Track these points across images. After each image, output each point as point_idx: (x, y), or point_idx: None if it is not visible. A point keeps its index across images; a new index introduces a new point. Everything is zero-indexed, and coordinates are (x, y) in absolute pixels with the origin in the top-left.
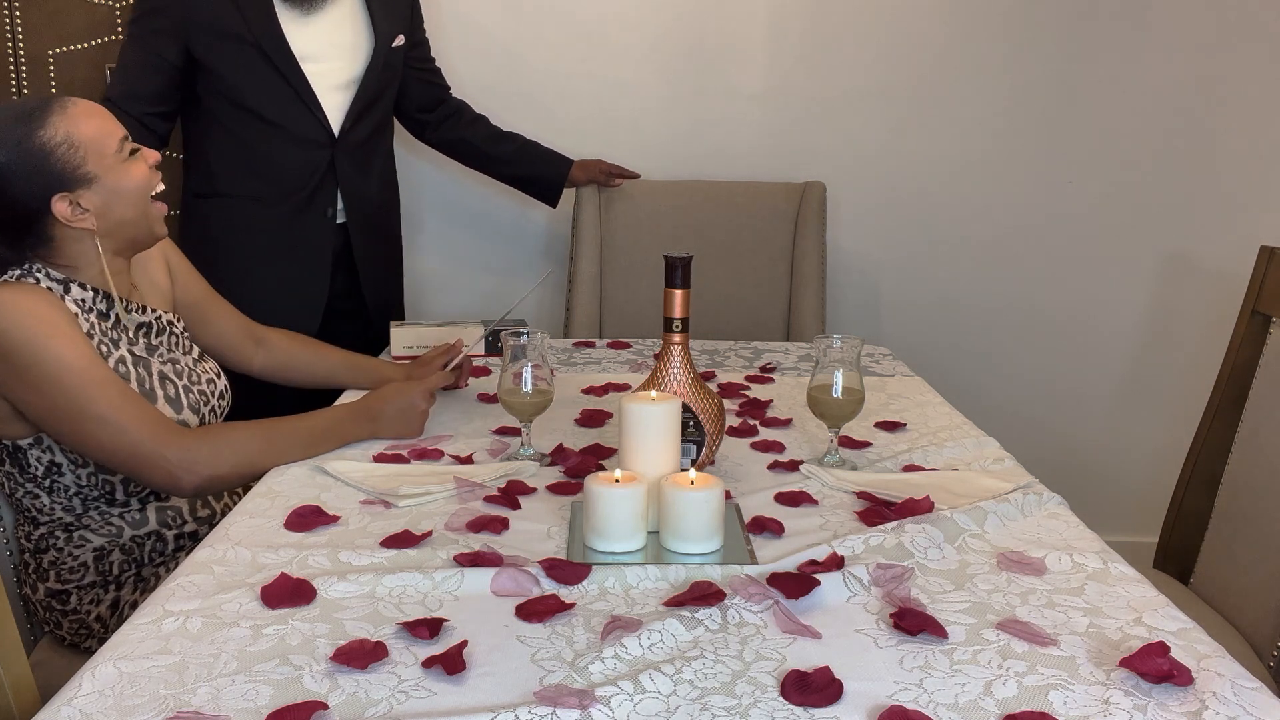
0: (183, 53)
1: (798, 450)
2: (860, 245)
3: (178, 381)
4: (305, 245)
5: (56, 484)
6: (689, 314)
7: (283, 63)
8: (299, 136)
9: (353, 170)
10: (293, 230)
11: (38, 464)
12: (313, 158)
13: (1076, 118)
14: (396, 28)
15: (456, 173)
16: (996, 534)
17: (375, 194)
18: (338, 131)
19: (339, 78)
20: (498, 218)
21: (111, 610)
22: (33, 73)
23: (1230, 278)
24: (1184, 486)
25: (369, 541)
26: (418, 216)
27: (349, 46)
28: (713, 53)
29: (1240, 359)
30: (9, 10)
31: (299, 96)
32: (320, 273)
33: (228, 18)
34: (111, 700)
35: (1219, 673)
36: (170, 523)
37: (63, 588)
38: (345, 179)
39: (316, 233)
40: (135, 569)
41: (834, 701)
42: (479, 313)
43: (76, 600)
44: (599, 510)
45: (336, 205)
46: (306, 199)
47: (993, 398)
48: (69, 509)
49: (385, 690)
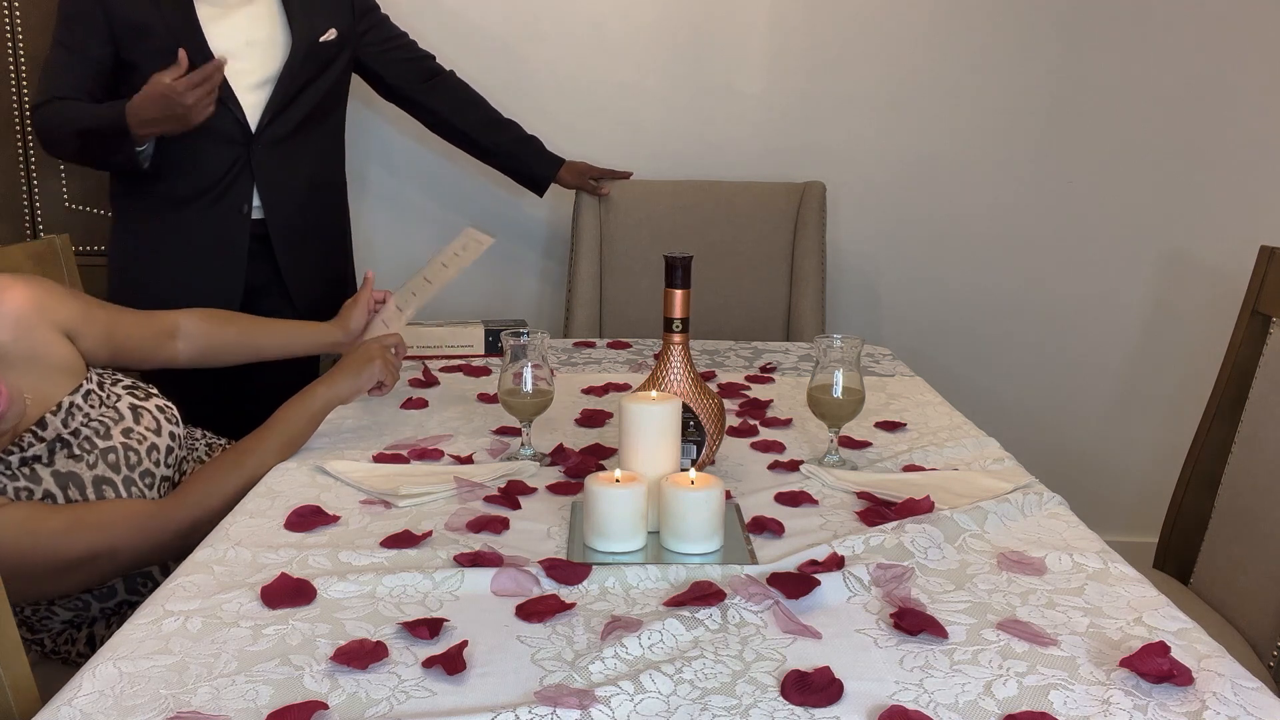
0: (113, 54)
1: (798, 450)
2: (860, 245)
3: (115, 477)
4: (219, 240)
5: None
6: (689, 314)
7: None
8: (214, 132)
9: (274, 166)
10: (207, 226)
11: None
12: (229, 153)
13: (1076, 117)
14: (325, 22)
15: (453, 174)
16: (997, 534)
17: (301, 191)
18: (255, 127)
19: (256, 76)
20: (498, 217)
21: (89, 645)
22: (33, 73)
23: (1230, 278)
24: (1184, 486)
25: (369, 541)
26: (415, 218)
27: (265, 43)
28: (713, 53)
29: (1240, 359)
30: (9, 10)
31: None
32: (235, 267)
33: (148, 16)
34: (111, 700)
35: (1219, 673)
36: (140, 589)
37: (34, 638)
38: (263, 174)
39: (231, 228)
40: (107, 617)
41: (834, 701)
42: (479, 313)
43: (52, 645)
44: (599, 510)
45: (252, 201)
46: (221, 194)
47: (993, 398)
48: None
49: (385, 690)
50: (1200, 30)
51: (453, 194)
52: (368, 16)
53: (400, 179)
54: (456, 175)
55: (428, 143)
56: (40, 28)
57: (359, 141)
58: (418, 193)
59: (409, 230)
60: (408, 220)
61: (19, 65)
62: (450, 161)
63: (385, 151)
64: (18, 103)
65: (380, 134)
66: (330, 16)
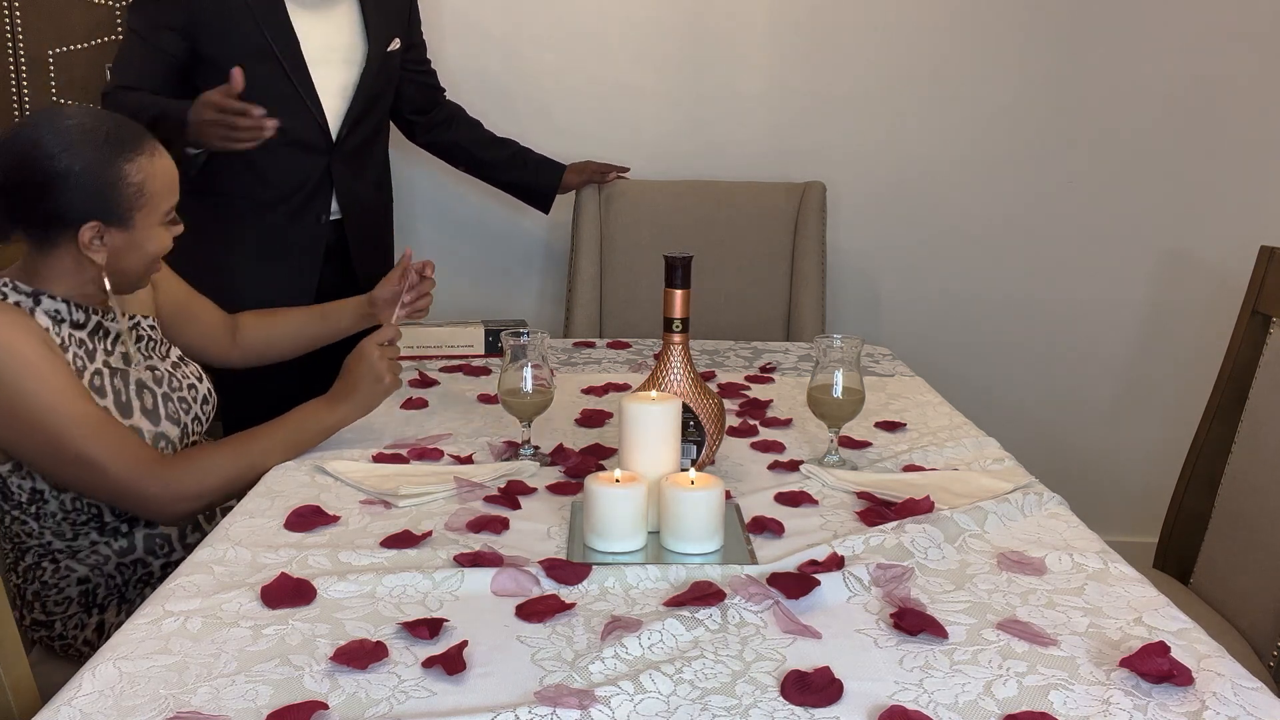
0: (187, 48)
1: (798, 450)
2: (860, 245)
3: (156, 390)
4: (296, 247)
5: (43, 510)
6: (689, 314)
7: (291, 64)
8: (297, 140)
9: (349, 175)
10: (285, 232)
11: (19, 491)
12: (310, 163)
13: (1076, 117)
14: (393, 31)
15: (453, 174)
16: (996, 534)
17: (370, 197)
18: (336, 137)
19: (338, 82)
20: (497, 217)
21: (98, 633)
22: (33, 73)
23: (1230, 278)
24: (1184, 486)
25: (369, 541)
26: (415, 218)
27: (347, 50)
28: (713, 53)
29: (1240, 359)
30: (9, 10)
31: (303, 99)
32: (309, 273)
33: (238, 14)
34: (111, 700)
35: (1219, 673)
36: (157, 550)
37: (47, 618)
38: (341, 184)
39: (308, 235)
40: (119, 594)
41: (834, 701)
42: (478, 313)
43: (61, 627)
44: (599, 510)
45: (330, 209)
46: (302, 203)
47: (993, 397)
48: (59, 534)
49: (385, 690)
50: (1200, 30)
51: (453, 195)
52: (416, 32)
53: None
54: (454, 183)
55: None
56: (40, 28)
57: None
58: (418, 198)
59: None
60: (407, 234)
61: (19, 65)
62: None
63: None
64: (18, 103)
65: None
66: (395, 25)
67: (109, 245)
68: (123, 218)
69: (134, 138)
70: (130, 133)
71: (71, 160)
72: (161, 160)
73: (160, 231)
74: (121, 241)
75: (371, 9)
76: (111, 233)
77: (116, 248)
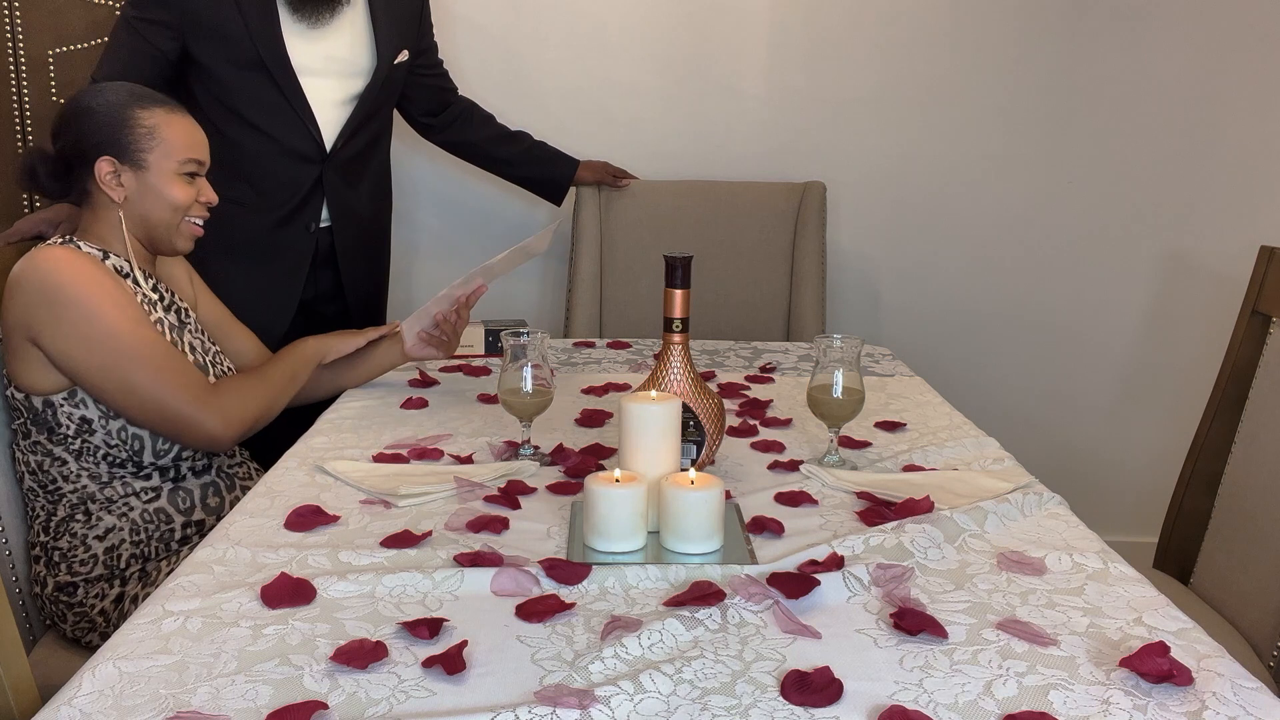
0: (178, 49)
1: (798, 450)
2: (860, 245)
3: (204, 357)
4: (284, 253)
5: (86, 444)
6: (689, 314)
7: (281, 76)
8: (290, 149)
9: (342, 184)
10: (274, 239)
11: (68, 421)
12: (302, 172)
13: (1077, 118)
14: (403, 41)
15: (457, 173)
16: (996, 534)
17: (364, 205)
18: (330, 148)
19: (337, 94)
20: (498, 217)
21: (115, 605)
22: (33, 73)
23: (1230, 278)
24: (1184, 487)
25: (369, 541)
26: (416, 218)
27: (349, 63)
28: (713, 53)
29: (1240, 359)
30: (9, 10)
31: (294, 111)
32: (295, 279)
33: (230, 21)
34: (111, 700)
35: (1219, 673)
36: (180, 505)
37: (71, 580)
38: (333, 193)
39: (297, 241)
40: (141, 563)
41: (834, 701)
42: (479, 313)
43: (83, 593)
44: (599, 510)
45: (321, 217)
46: (292, 211)
47: (993, 397)
48: (95, 475)
49: (385, 690)
50: (1200, 30)
51: (452, 196)
52: (426, 38)
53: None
54: (456, 178)
55: (429, 158)
56: (40, 28)
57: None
58: (419, 197)
59: (410, 246)
60: (409, 234)
61: (19, 65)
62: (450, 165)
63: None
64: (18, 103)
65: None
66: (405, 37)
67: (125, 185)
68: (135, 159)
69: (154, 95)
70: (151, 92)
71: (93, 100)
72: (180, 116)
73: (179, 181)
74: (135, 183)
75: (382, 19)
76: (126, 171)
77: (131, 188)
